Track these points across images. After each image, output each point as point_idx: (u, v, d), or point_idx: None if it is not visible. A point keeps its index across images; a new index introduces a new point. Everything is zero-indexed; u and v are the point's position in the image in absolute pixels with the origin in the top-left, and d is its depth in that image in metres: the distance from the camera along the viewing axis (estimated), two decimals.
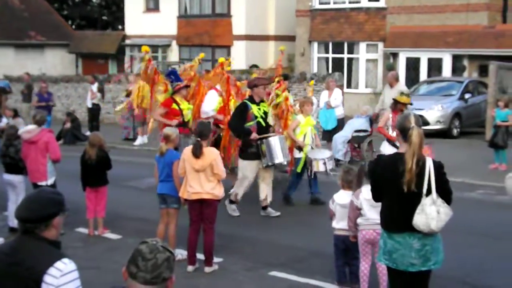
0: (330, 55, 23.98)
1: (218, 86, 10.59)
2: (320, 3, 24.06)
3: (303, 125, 9.78)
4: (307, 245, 7.92)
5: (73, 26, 40.87)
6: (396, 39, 22.28)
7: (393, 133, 9.33)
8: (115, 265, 6.39)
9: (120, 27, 38.65)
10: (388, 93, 12.98)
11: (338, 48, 23.81)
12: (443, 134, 17.18)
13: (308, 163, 9.57)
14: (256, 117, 9.01)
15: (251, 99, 9.16)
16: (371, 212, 5.68)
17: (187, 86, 10.18)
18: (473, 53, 20.62)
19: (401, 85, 13.59)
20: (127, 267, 2.67)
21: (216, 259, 7.16)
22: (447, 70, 21.30)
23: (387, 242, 4.64)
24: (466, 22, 21.09)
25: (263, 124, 9.11)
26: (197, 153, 6.78)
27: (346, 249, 6.16)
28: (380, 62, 23.06)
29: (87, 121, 18.21)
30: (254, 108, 9.02)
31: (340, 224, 6.14)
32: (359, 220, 5.85)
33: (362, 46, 23.21)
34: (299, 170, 9.80)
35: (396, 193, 4.54)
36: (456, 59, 21.19)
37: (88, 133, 16.08)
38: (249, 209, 9.81)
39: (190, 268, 7.01)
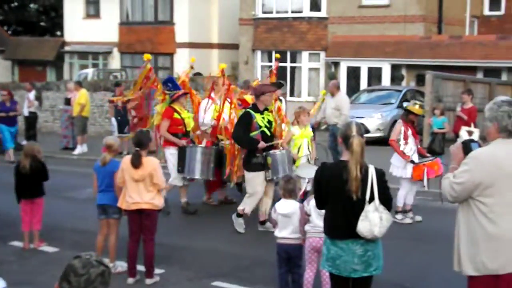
0: (273, 64, 24.13)
1: (212, 94, 10.13)
2: (263, 12, 24.22)
3: (298, 137, 9.27)
4: (250, 254, 7.89)
5: (9, 32, 39.72)
6: (337, 48, 22.63)
7: (405, 147, 9.16)
8: (52, 280, 6.16)
9: (59, 33, 37.81)
10: (330, 102, 13.14)
11: (281, 57, 23.97)
12: (383, 141, 17.49)
13: None
14: (260, 126, 8.50)
15: (255, 107, 8.65)
16: (319, 220, 5.70)
17: (185, 94, 9.82)
18: (411, 63, 21.15)
19: (342, 94, 13.78)
20: (59, 284, 2.57)
21: (157, 270, 7.03)
22: (386, 79, 21.77)
23: (331, 249, 4.69)
24: (404, 33, 21.64)
25: (268, 133, 8.59)
26: (136, 163, 6.65)
27: (289, 258, 6.16)
28: (322, 71, 23.37)
29: (24, 130, 17.68)
30: (258, 117, 8.51)
31: (282, 233, 6.14)
32: (306, 227, 5.89)
33: (305, 55, 23.48)
34: None
35: (340, 201, 4.60)
36: (395, 68, 21.69)
37: (24, 142, 15.59)
38: (191, 218, 9.75)
39: (130, 280, 6.85)
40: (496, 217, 4.06)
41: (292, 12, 23.72)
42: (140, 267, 6.94)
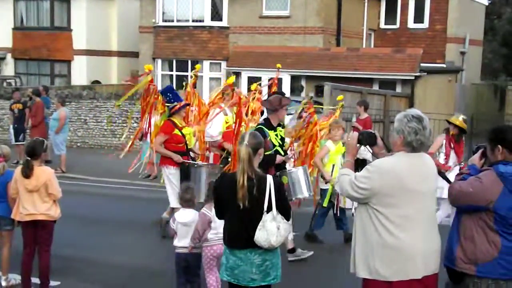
0: (174, 73, 23.99)
1: (222, 104, 9.25)
2: (164, 21, 24.00)
3: (333, 153, 8.52)
4: (148, 265, 7.76)
5: None
6: (238, 58, 22.79)
7: (446, 161, 8.50)
8: None
9: None
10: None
11: (182, 66, 23.88)
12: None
13: (334, 196, 8.43)
14: (274, 145, 7.49)
15: (268, 123, 7.60)
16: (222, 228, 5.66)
17: (187, 105, 8.85)
18: (310, 74, 21.63)
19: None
20: None
21: (52, 283, 6.78)
22: (286, 89, 22.13)
23: (229, 258, 4.70)
24: (303, 44, 22.12)
25: (282, 153, 7.58)
26: (27, 173, 6.39)
27: (188, 267, 6.13)
28: (223, 80, 23.40)
29: None
30: (271, 135, 7.50)
31: (181, 242, 6.10)
32: (210, 236, 5.84)
33: (206, 64, 23.47)
34: (325, 204, 8.60)
35: (236, 210, 4.61)
36: (295, 79, 22.12)
37: None
38: (87, 230, 9.46)
39: None
40: (392, 227, 4.18)
41: (193, 21, 23.66)
42: (35, 280, 6.65)
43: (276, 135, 7.60)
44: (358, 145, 4.62)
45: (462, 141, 8.93)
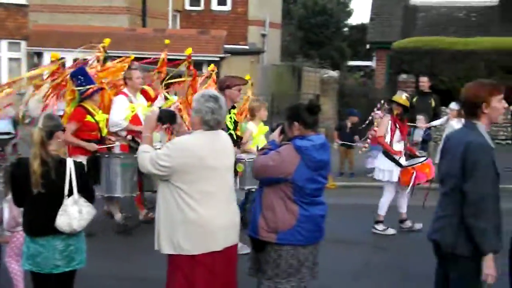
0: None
1: (125, 90, 8.42)
2: None
3: (256, 134, 8.20)
4: None
5: None
6: (39, 38, 21.65)
7: (394, 144, 8.20)
8: None
9: None
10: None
11: None
12: None
13: None
14: (228, 128, 6.93)
15: None
16: None
17: (101, 89, 8.01)
18: (117, 55, 21.14)
19: None
20: None
21: None
22: None
23: (30, 246, 4.57)
24: (108, 24, 21.61)
25: (235, 137, 7.10)
26: None
27: None
28: (24, 61, 22.17)
29: None
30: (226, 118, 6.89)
31: None
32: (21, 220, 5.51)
33: (4, 44, 22.05)
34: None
35: (35, 197, 4.48)
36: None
37: None
38: None
39: None
40: (193, 203, 4.33)
41: None
42: None
43: (230, 117, 7.18)
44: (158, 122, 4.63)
45: (406, 119, 8.77)
